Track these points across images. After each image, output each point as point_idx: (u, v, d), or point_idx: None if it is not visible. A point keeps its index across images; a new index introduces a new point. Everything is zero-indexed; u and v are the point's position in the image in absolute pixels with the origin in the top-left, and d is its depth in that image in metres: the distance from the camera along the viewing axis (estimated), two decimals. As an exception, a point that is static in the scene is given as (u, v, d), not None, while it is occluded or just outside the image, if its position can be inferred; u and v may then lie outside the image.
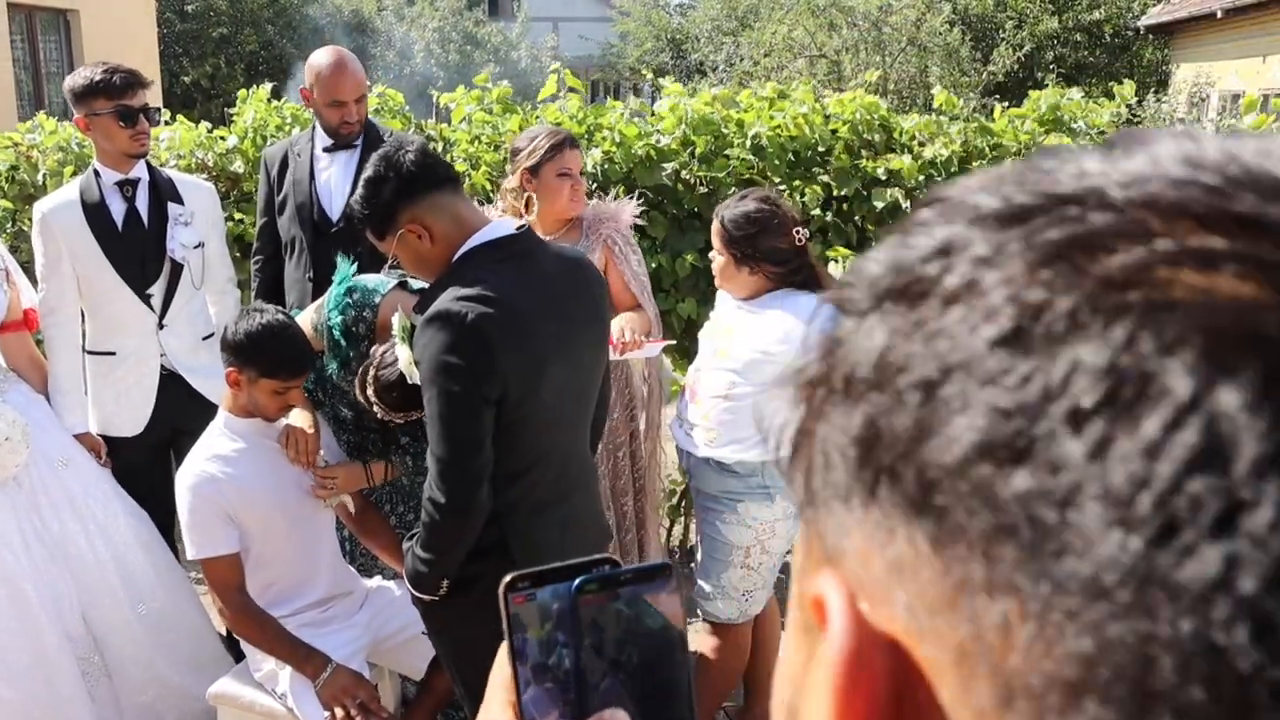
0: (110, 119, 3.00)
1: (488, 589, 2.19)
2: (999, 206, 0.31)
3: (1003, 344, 0.28)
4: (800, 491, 0.35)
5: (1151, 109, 12.12)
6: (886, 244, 0.34)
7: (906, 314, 0.31)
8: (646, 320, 3.00)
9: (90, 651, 2.80)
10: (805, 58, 14.90)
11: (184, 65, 17.65)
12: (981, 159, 3.80)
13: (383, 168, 2.05)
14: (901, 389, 0.30)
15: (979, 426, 0.28)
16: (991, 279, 0.29)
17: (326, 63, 3.26)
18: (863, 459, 0.31)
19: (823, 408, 0.33)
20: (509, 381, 1.96)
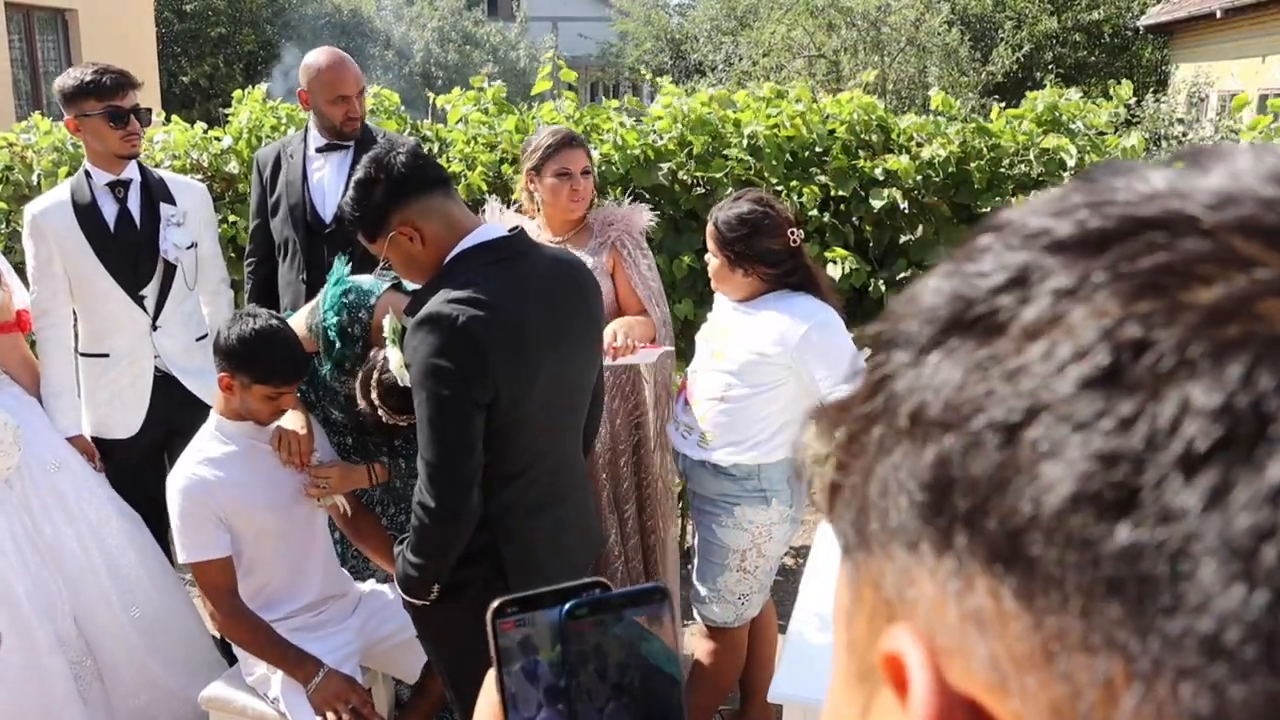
0: (100, 120, 2.99)
1: (479, 594, 2.20)
2: (1075, 232, 0.29)
3: (1097, 384, 0.26)
4: (849, 534, 0.33)
5: (1151, 109, 12.11)
6: (941, 273, 0.32)
7: (978, 349, 0.29)
8: (649, 326, 2.96)
9: (82, 655, 2.79)
10: (804, 58, 14.90)
11: (182, 65, 17.64)
12: (979, 159, 3.79)
13: (373, 170, 2.03)
14: (979, 430, 0.28)
15: (1076, 474, 0.26)
16: (1080, 313, 0.27)
17: (326, 60, 3.27)
18: (935, 504, 0.29)
19: (881, 446, 0.31)
20: (500, 385, 1.95)
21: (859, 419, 0.33)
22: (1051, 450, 0.26)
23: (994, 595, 0.27)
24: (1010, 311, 0.29)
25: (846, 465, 0.33)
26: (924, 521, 0.29)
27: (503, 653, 0.57)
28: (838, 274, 3.64)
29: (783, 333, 2.52)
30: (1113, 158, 3.74)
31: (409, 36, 20.62)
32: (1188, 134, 11.96)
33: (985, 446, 0.28)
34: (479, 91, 4.20)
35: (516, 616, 0.57)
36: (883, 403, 0.32)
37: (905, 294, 0.34)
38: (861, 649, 0.33)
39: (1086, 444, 0.26)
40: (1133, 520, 0.25)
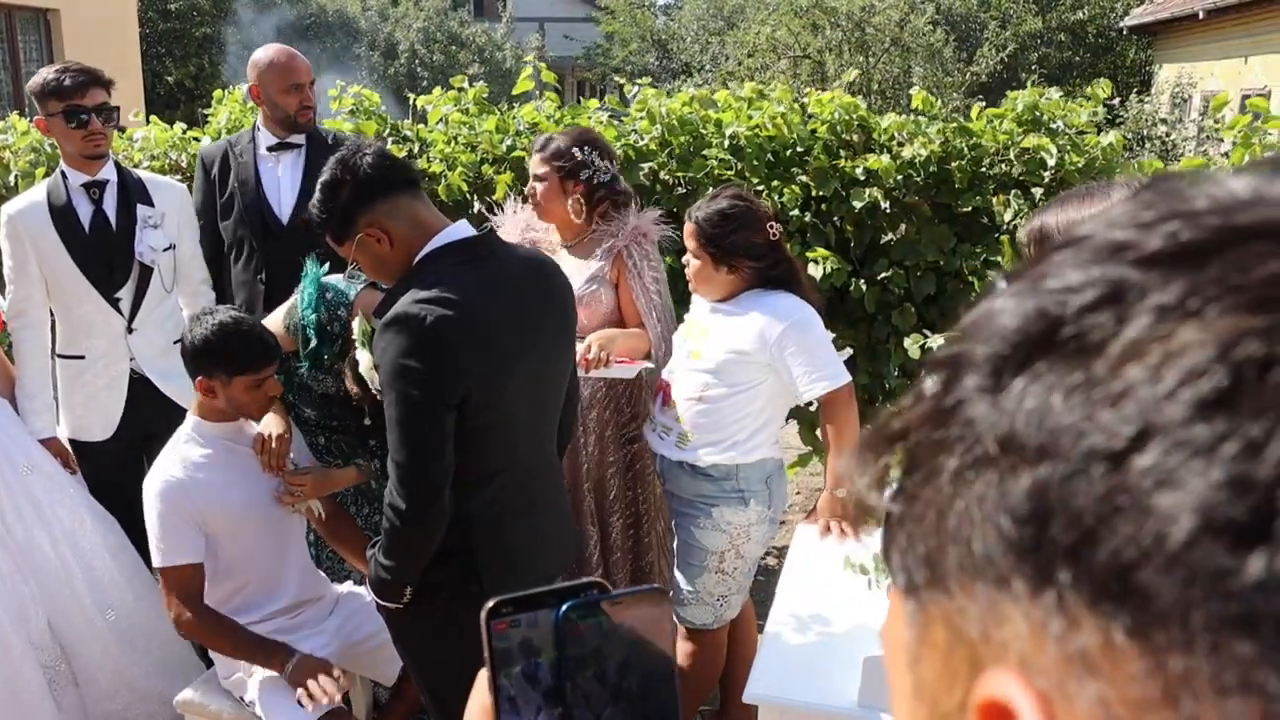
0: (60, 120, 2.96)
1: (450, 596, 2.18)
2: (1168, 245, 0.27)
3: (1216, 406, 0.25)
4: (914, 570, 0.31)
5: (1135, 109, 12.17)
6: (1014, 292, 0.30)
7: (1072, 371, 0.27)
8: (638, 340, 2.85)
9: (56, 659, 2.76)
10: (789, 58, 14.92)
11: (167, 65, 17.56)
12: (960, 159, 3.79)
13: (340, 171, 2.03)
14: (1082, 458, 0.26)
15: (1200, 504, 0.24)
16: (1189, 331, 0.26)
17: (275, 53, 3.30)
18: (1032, 538, 0.27)
19: (959, 476, 0.29)
20: (470, 385, 1.94)
21: (928, 446, 0.31)
22: (1167, 479, 0.25)
23: (1104, 634, 0.26)
24: (1106, 331, 0.27)
25: (913, 495, 0.31)
26: (1018, 556, 0.27)
27: (501, 654, 0.56)
28: (819, 274, 3.64)
29: (761, 331, 2.52)
30: (1092, 157, 3.75)
31: (394, 37, 20.57)
32: (1171, 134, 12.02)
33: (1090, 475, 0.26)
34: (459, 92, 4.19)
35: (511, 617, 0.56)
36: (960, 430, 0.30)
37: (972, 314, 0.31)
38: (933, 694, 0.32)
39: (1209, 471, 0.24)
40: (1268, 551, 0.23)
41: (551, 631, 0.56)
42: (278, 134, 3.32)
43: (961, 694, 0.30)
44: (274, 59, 3.27)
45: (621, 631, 0.57)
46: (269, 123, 3.33)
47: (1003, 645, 0.28)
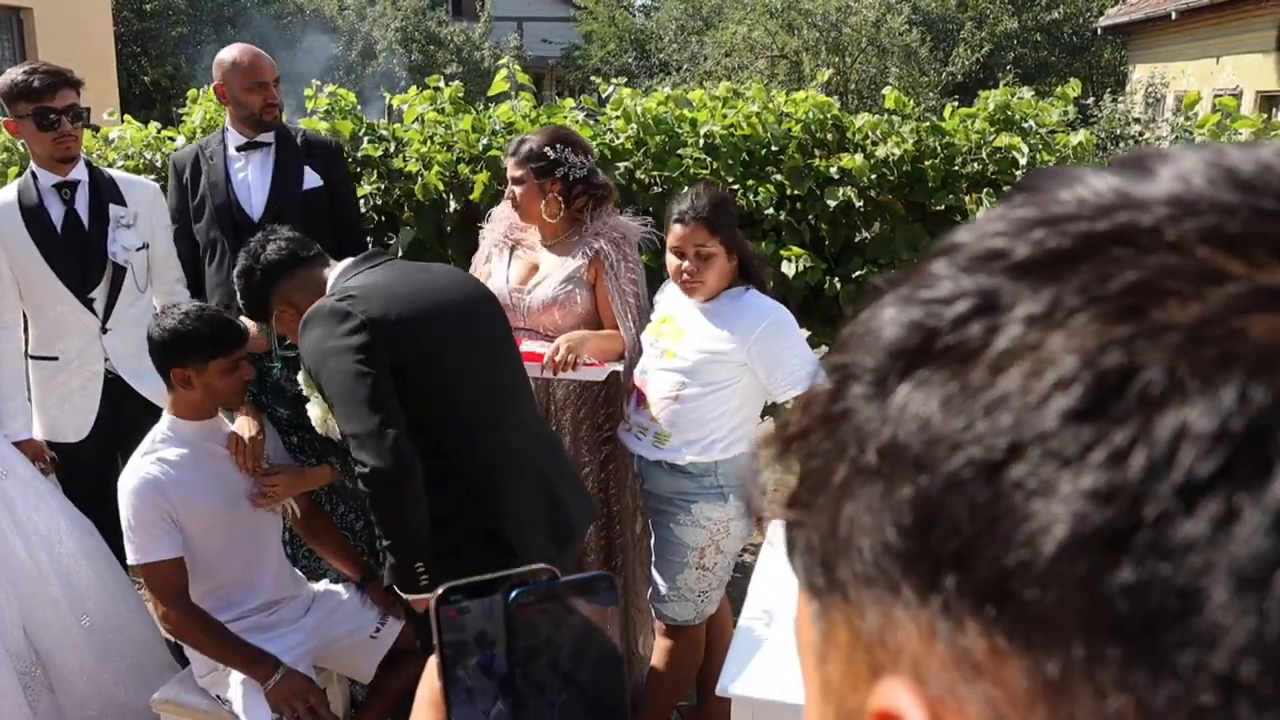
0: (30, 122, 2.94)
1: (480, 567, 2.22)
2: (1035, 253, 0.28)
3: (1083, 416, 0.25)
4: (814, 575, 0.32)
5: (1108, 109, 12.27)
6: (895, 301, 0.31)
7: (949, 381, 0.28)
8: (614, 342, 2.82)
9: (32, 666, 2.74)
10: (766, 58, 14.96)
11: (142, 65, 17.45)
12: (933, 158, 3.82)
13: (247, 262, 2.32)
14: (958, 469, 0.27)
15: (1070, 513, 0.24)
16: (1056, 341, 0.26)
17: (239, 52, 3.31)
18: (917, 547, 0.27)
19: (847, 486, 0.30)
20: (392, 343, 2.06)
21: (819, 455, 0.31)
22: (1040, 488, 0.25)
23: (987, 637, 0.26)
24: (980, 341, 0.27)
25: (806, 503, 0.32)
26: (905, 564, 0.28)
27: (456, 646, 0.57)
28: (792, 272, 3.66)
29: (738, 330, 2.53)
30: (1063, 156, 3.79)
31: (372, 36, 20.49)
32: (1144, 134, 12.13)
33: (967, 486, 0.26)
34: (435, 91, 4.19)
35: (460, 604, 0.57)
36: (846, 438, 0.30)
37: (856, 324, 0.32)
38: (839, 693, 0.32)
39: (1078, 480, 0.25)
40: (1135, 557, 0.24)
41: (500, 617, 0.56)
42: (245, 133, 3.30)
43: (864, 696, 0.30)
44: (237, 58, 3.26)
45: (572, 618, 0.58)
46: (236, 122, 3.32)
47: (897, 649, 0.29)
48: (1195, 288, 0.25)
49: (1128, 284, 0.26)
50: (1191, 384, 0.24)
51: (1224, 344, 0.24)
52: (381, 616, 2.72)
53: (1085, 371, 0.25)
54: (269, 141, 3.29)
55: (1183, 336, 0.25)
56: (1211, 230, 0.26)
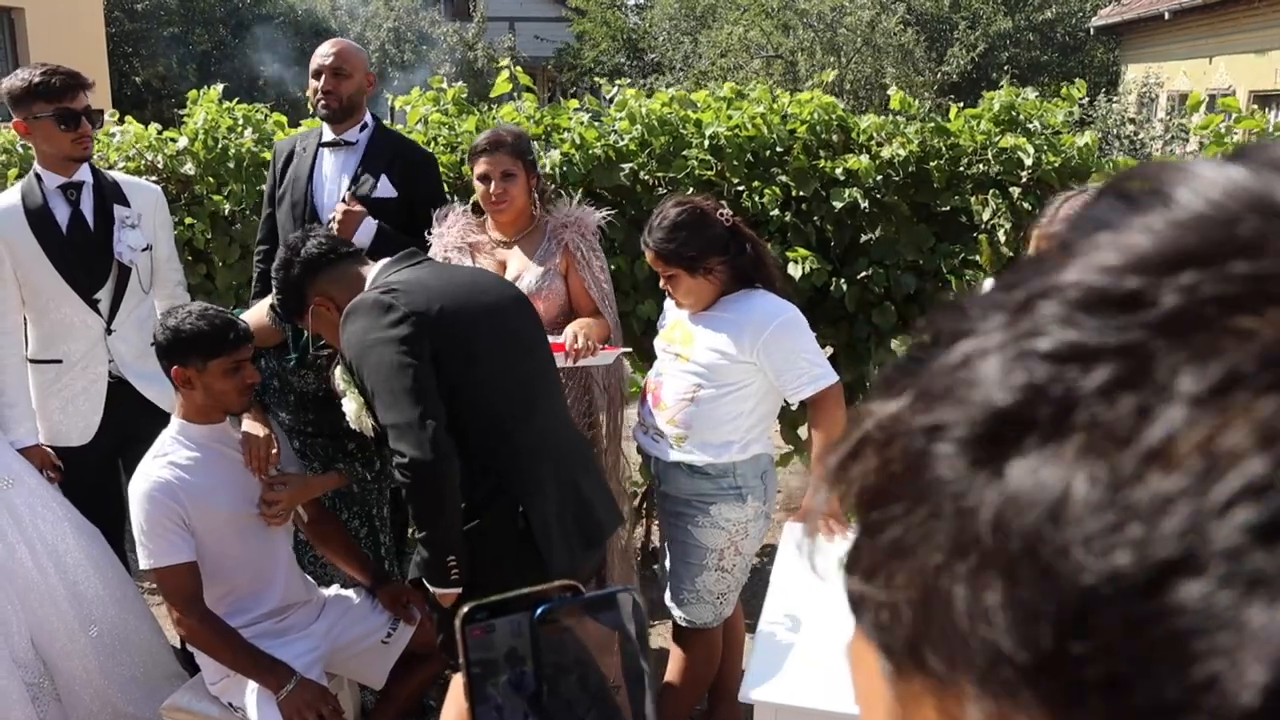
0: (50, 123, 2.92)
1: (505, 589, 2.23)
2: (1187, 303, 0.23)
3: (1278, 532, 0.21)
4: (894, 644, 0.27)
5: (1103, 109, 12.31)
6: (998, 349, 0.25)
7: (1088, 467, 0.23)
8: (605, 327, 2.95)
9: (40, 676, 2.72)
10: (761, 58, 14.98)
11: (134, 65, 17.38)
12: (938, 159, 3.82)
13: (286, 255, 2.32)
14: (1114, 578, 0.22)
15: (1265, 659, 0.20)
16: (1237, 433, 0.21)
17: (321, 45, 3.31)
18: (1050, 662, 0.23)
19: (946, 568, 0.25)
20: (434, 334, 2.08)
21: (899, 522, 0.27)
22: (1226, 620, 0.21)
23: None
24: (1130, 423, 0.23)
25: (884, 571, 0.27)
26: (1030, 676, 0.23)
27: (486, 664, 0.57)
28: (799, 273, 3.66)
29: (748, 332, 2.52)
30: (1068, 157, 3.79)
31: (365, 36, 20.45)
32: (1139, 133, 12.17)
33: (1125, 599, 0.22)
34: (439, 92, 4.17)
35: (485, 622, 0.57)
36: (940, 512, 0.25)
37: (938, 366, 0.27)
38: None
39: (1276, 613, 0.20)
40: None
41: (527, 634, 0.56)
42: (332, 129, 3.29)
43: None
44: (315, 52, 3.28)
45: (596, 633, 0.58)
46: None
47: None
48: None
49: None
50: None
51: None
52: (392, 622, 2.70)
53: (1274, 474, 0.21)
54: (356, 139, 3.26)
55: None
56: None
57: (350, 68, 3.23)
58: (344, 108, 3.21)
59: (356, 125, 3.26)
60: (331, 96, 3.20)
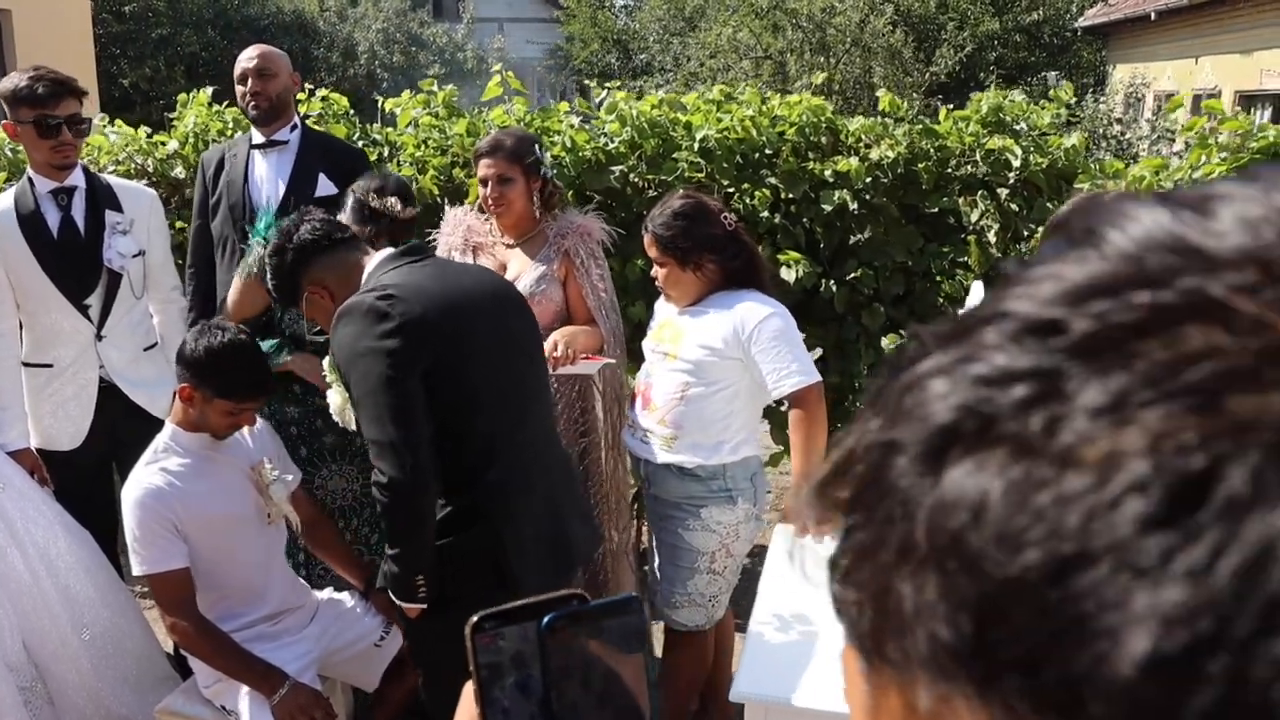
0: (32, 129, 2.92)
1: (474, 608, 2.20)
2: (1095, 330, 0.26)
3: (1160, 524, 0.23)
4: (863, 639, 0.30)
5: (1089, 109, 12.36)
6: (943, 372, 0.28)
7: (1006, 475, 0.26)
8: (594, 337, 2.94)
9: (32, 680, 2.72)
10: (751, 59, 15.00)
11: (122, 67, 17.31)
12: (927, 160, 3.84)
13: (280, 241, 2.25)
14: (1022, 572, 0.25)
15: (1148, 632, 0.23)
16: (1128, 439, 0.24)
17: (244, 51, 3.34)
18: (977, 647, 0.26)
19: (896, 566, 0.28)
20: (428, 350, 2.03)
21: (864, 527, 0.30)
22: (1114, 600, 0.23)
23: None
24: (1042, 433, 0.25)
25: (853, 570, 0.30)
26: (963, 660, 0.26)
27: (492, 668, 0.58)
28: (791, 277, 3.68)
29: (733, 328, 2.54)
30: (1055, 158, 3.81)
31: (353, 38, 20.40)
32: (1125, 134, 12.23)
33: (1032, 590, 0.25)
34: (429, 95, 4.18)
35: (494, 630, 0.58)
36: (893, 517, 0.28)
37: (899, 387, 0.30)
38: None
39: (1155, 595, 0.23)
40: (1216, 682, 0.22)
41: (535, 643, 0.57)
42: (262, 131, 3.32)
43: None
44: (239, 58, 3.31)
45: (602, 640, 0.59)
46: None
47: None
48: (1276, 378, 0.24)
49: (1201, 375, 0.24)
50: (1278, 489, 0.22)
51: None
52: (385, 625, 2.71)
53: (1161, 474, 0.24)
54: (285, 140, 3.28)
55: (1272, 437, 0.23)
56: None
57: (274, 68, 3.28)
58: (274, 107, 3.27)
59: (287, 125, 3.31)
60: (260, 97, 3.25)
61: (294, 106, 3.38)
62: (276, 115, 3.28)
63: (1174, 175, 3.74)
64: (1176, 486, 0.24)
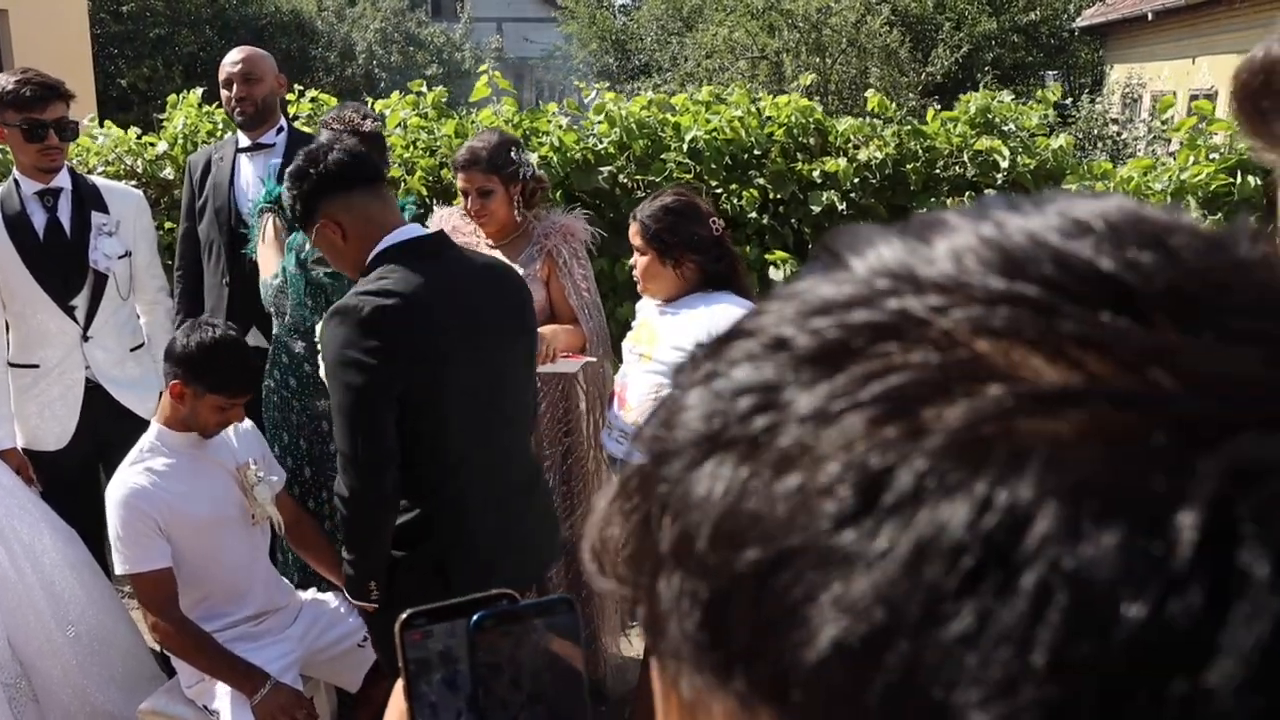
0: (18, 133, 2.92)
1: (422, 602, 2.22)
2: (814, 345, 0.28)
3: (849, 520, 0.25)
4: (645, 628, 0.32)
5: (1086, 109, 12.37)
6: (699, 382, 0.31)
7: (733, 477, 0.28)
8: (576, 336, 2.95)
9: (16, 677, 2.72)
10: (747, 59, 15.00)
11: (119, 67, 17.31)
12: (915, 161, 3.85)
13: (305, 163, 2.13)
14: (740, 571, 0.27)
15: (833, 620, 0.25)
16: (827, 442, 0.26)
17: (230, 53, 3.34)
18: (713, 641, 0.28)
19: (655, 568, 0.30)
20: (410, 374, 2.01)
21: (635, 533, 0.31)
22: (811, 593, 0.25)
23: None
24: (763, 438, 0.28)
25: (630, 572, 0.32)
26: (703, 653, 0.28)
27: (419, 663, 0.59)
28: (780, 277, 3.68)
29: (709, 330, 2.53)
30: (1043, 159, 3.82)
31: (351, 38, 20.41)
32: (1122, 134, 12.23)
33: (748, 587, 0.27)
34: (418, 96, 4.19)
35: (424, 628, 0.59)
36: (653, 520, 0.30)
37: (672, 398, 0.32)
38: None
39: (843, 586, 0.25)
40: (892, 667, 0.24)
41: (463, 641, 0.58)
42: (248, 135, 3.33)
43: None
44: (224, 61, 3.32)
45: (534, 640, 0.60)
46: None
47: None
48: (958, 388, 0.26)
49: (892, 387, 0.26)
50: (945, 488, 0.24)
51: (980, 449, 0.25)
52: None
53: (850, 474, 0.26)
54: (271, 143, 3.28)
55: (941, 440, 0.25)
56: (977, 323, 0.27)
57: (259, 72, 3.29)
58: (260, 111, 3.28)
59: (273, 128, 3.32)
60: (246, 102, 3.26)
61: (280, 109, 3.38)
62: (263, 119, 3.29)
63: (1162, 176, 3.75)
64: (862, 485, 0.26)
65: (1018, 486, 0.24)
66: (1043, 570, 0.23)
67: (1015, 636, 0.23)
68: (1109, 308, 0.26)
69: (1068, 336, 0.26)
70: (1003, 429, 0.25)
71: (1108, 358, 0.26)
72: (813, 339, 0.29)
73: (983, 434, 0.25)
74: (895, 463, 0.25)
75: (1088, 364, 0.26)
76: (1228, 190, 3.68)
